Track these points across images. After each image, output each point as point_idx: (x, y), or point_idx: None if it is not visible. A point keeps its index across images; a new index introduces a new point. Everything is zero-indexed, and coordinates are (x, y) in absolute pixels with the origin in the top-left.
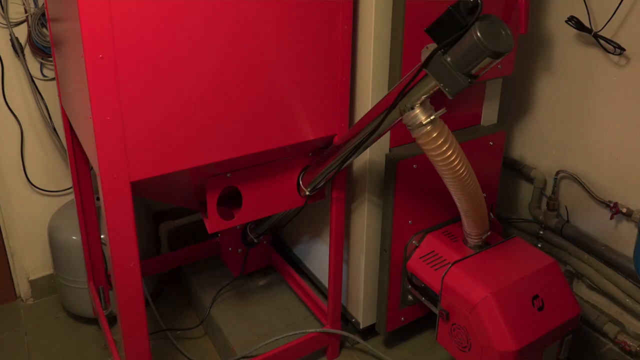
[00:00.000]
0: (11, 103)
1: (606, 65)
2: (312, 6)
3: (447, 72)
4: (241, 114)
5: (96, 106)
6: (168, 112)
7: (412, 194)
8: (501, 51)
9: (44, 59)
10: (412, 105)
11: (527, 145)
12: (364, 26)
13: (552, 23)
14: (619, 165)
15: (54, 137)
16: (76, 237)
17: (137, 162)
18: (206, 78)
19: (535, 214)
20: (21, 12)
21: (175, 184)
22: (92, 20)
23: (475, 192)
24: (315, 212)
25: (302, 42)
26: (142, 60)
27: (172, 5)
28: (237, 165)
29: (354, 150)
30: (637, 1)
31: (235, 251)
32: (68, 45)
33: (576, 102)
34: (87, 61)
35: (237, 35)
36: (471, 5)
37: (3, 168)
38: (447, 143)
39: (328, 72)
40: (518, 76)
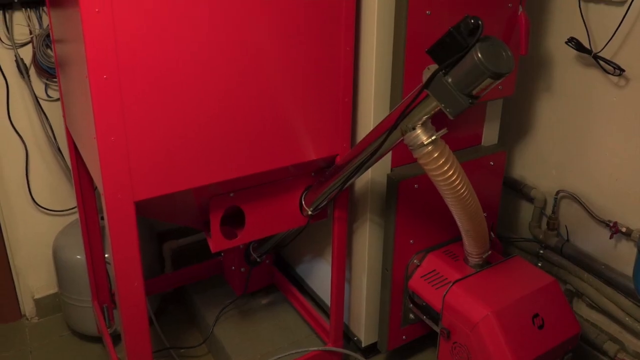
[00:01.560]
0: (16, 123)
1: (606, 86)
2: (315, 27)
3: (448, 93)
4: (244, 134)
5: (100, 126)
6: (172, 132)
7: (414, 213)
8: (502, 72)
9: (48, 80)
10: (413, 125)
11: (527, 166)
12: (366, 47)
13: (552, 44)
14: (619, 185)
15: (59, 157)
16: (81, 256)
17: (141, 181)
18: (210, 99)
19: (535, 233)
20: (26, 34)
21: (178, 203)
22: (97, 42)
23: (476, 212)
24: (318, 232)
25: (304, 63)
26: (146, 81)
27: (176, 26)
28: (240, 184)
29: (355, 170)
30: (636, 23)
31: (238, 270)
32: (72, 66)
33: (576, 122)
34: (92, 82)
35: (240, 56)
36: (472, 26)
37: (8, 187)
38: (448, 163)
39: (330, 92)
40: (518, 97)
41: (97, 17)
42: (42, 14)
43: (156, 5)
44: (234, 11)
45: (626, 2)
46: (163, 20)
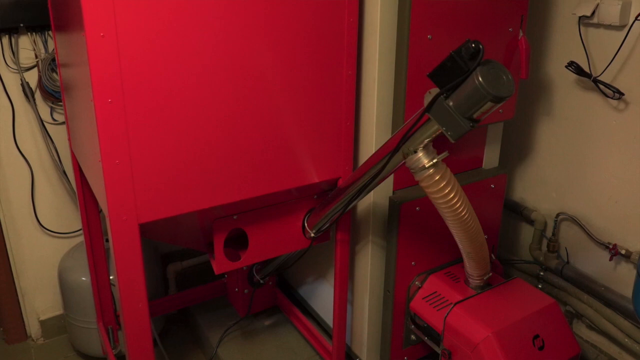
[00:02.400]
0: (22, 146)
1: (605, 109)
2: (317, 52)
3: (449, 116)
4: (248, 157)
5: (105, 149)
6: (176, 155)
7: (415, 235)
8: (502, 96)
9: (54, 104)
10: (415, 148)
11: (527, 188)
12: (368, 71)
13: (552, 68)
14: (618, 208)
15: (64, 180)
16: (86, 278)
17: (145, 204)
18: (213, 122)
19: (535, 255)
20: (32, 58)
21: (182, 225)
22: (102, 66)
23: (477, 234)
24: (320, 254)
25: (307, 87)
26: (151, 105)
27: (180, 51)
28: (244, 207)
29: (358, 192)
30: (636, 47)
31: (242, 292)
32: (78, 90)
33: (576, 145)
34: (97, 105)
35: (243, 80)
36: (473, 50)
37: (14, 210)
38: (449, 186)
39: (333, 116)
40: (519, 120)
41: (102, 41)
42: (48, 38)
43: (160, 31)
44: (237, 36)
45: (625, 27)
46: (167, 45)
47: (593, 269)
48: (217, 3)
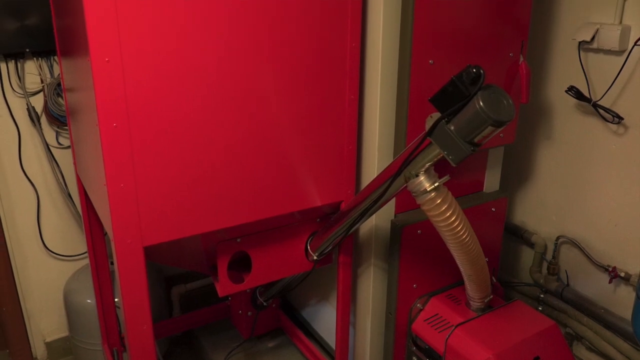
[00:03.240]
0: (28, 170)
1: (605, 133)
2: (320, 76)
3: (450, 141)
4: (251, 181)
5: (110, 173)
6: (180, 179)
7: (417, 258)
8: (503, 120)
9: (59, 128)
10: (416, 172)
11: (528, 211)
12: (370, 95)
13: (552, 93)
14: (617, 231)
15: (69, 203)
16: (91, 300)
17: (150, 227)
18: (217, 146)
19: (536, 277)
20: (37, 82)
21: (186, 248)
22: (107, 91)
23: (478, 257)
24: (323, 276)
25: (310, 112)
26: (155, 129)
27: (184, 76)
28: (247, 230)
29: (360, 216)
30: (635, 72)
31: (245, 314)
32: (83, 114)
33: (576, 169)
34: (102, 130)
35: (247, 105)
36: (474, 75)
37: (20, 233)
38: (450, 209)
39: (335, 140)
40: (519, 144)
41: (107, 66)
42: (53, 63)
43: (165, 56)
44: (241, 61)
45: (625, 52)
46: (172, 70)
47: (593, 291)
48: (220, 28)
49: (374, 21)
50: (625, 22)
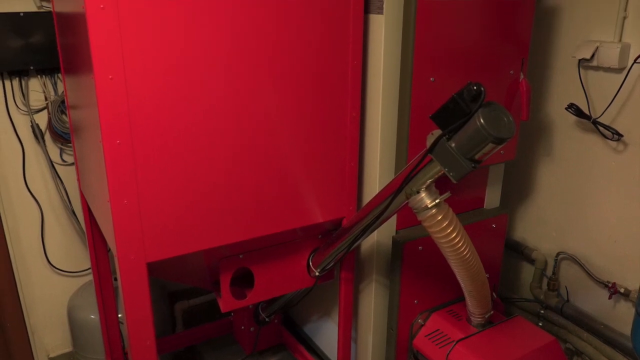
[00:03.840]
0: (32, 187)
1: (605, 150)
2: (322, 94)
3: (451, 158)
4: (253, 198)
5: (113, 190)
6: (183, 195)
7: (418, 274)
8: (503, 137)
9: (63, 145)
10: (417, 189)
11: (528, 228)
12: (371, 113)
13: (552, 110)
14: (617, 247)
15: (73, 220)
16: (94, 316)
17: (153, 243)
18: (220, 163)
19: (536, 293)
20: (41, 100)
21: (189, 264)
22: (110, 108)
23: (478, 273)
24: (325, 292)
25: (312, 129)
26: (158, 146)
27: (187, 93)
28: (250, 246)
29: (362, 232)
30: (634, 89)
31: (248, 329)
32: (87, 132)
33: (576, 186)
34: (105, 147)
35: (249, 122)
36: (474, 93)
37: (24, 249)
38: (451, 226)
39: (337, 157)
40: (520, 161)
41: (110, 83)
42: (57, 81)
43: (168, 74)
44: (243, 78)
45: (624, 69)
46: (174, 87)
47: (593, 307)
48: (223, 47)
49: (376, 39)
50: (625, 40)
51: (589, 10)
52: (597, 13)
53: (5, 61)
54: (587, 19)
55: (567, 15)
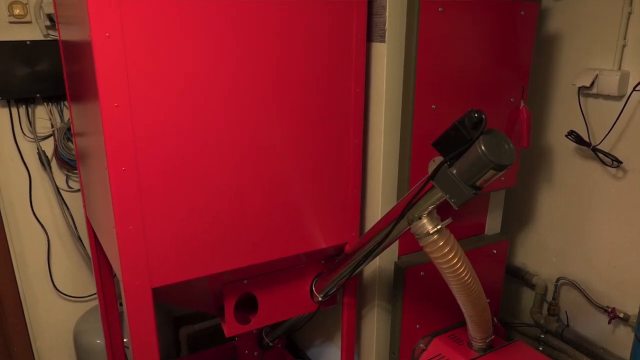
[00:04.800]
0: (38, 213)
1: (604, 177)
2: (325, 121)
3: (453, 184)
4: (257, 224)
5: (119, 216)
6: (187, 221)
7: (420, 299)
8: (504, 164)
9: (69, 171)
10: (419, 215)
11: (528, 254)
12: (373, 140)
13: (552, 137)
14: (616, 273)
15: (79, 246)
16: (100, 340)
17: (158, 269)
18: (223, 189)
19: (536, 318)
20: (48, 127)
21: (194, 289)
22: (116, 135)
23: (479, 298)
24: (328, 317)
25: (315, 156)
26: (163, 173)
27: (191, 120)
28: (253, 272)
29: (364, 258)
30: (634, 116)
31: (252, 354)
32: (92, 158)
33: (576, 212)
34: (111, 173)
35: (253, 149)
36: (476, 120)
37: (31, 274)
38: (452, 251)
39: (340, 184)
40: (520, 187)
41: (116, 111)
42: (63, 108)
43: (173, 101)
44: (247, 106)
45: (624, 97)
46: (179, 114)
47: (592, 331)
48: (227, 75)
49: (378, 67)
50: (624, 68)
51: (589, 38)
52: (597, 41)
53: (12, 89)
54: (587, 47)
55: (567, 43)
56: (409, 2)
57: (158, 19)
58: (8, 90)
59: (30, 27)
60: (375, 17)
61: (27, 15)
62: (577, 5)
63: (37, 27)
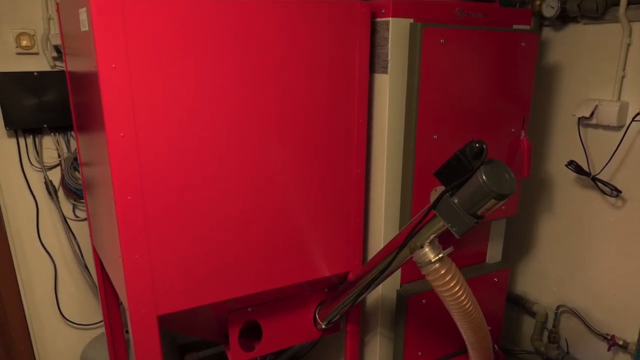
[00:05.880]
0: (45, 242)
1: (604, 206)
2: (328, 150)
3: (454, 213)
4: (261, 252)
5: (125, 245)
6: (192, 250)
7: (422, 327)
8: (505, 193)
9: (76, 201)
10: (421, 244)
11: (529, 282)
12: (376, 169)
13: (553, 167)
14: (616, 300)
15: (86, 274)
16: None
17: (163, 297)
18: (228, 218)
19: (537, 346)
20: (55, 157)
21: (199, 317)
22: (122, 165)
23: (481, 326)
24: (331, 344)
25: (318, 185)
26: (169, 202)
27: (196, 150)
28: (258, 300)
29: (367, 286)
30: (633, 146)
31: None
32: (99, 188)
33: (575, 241)
34: (117, 202)
35: (257, 178)
36: (477, 150)
37: (38, 302)
38: (454, 280)
39: (343, 213)
40: (521, 216)
41: (122, 141)
42: (70, 138)
43: (178, 132)
44: (251, 136)
45: (623, 128)
46: (185, 144)
47: (592, 358)
48: (232, 104)
49: (381, 98)
50: (624, 99)
51: (589, 69)
52: (596, 72)
53: (19, 119)
54: (587, 78)
55: (567, 74)
56: (411, 34)
57: (163, 50)
58: (15, 120)
59: (38, 58)
60: (378, 49)
61: (35, 47)
62: (577, 37)
63: (44, 58)
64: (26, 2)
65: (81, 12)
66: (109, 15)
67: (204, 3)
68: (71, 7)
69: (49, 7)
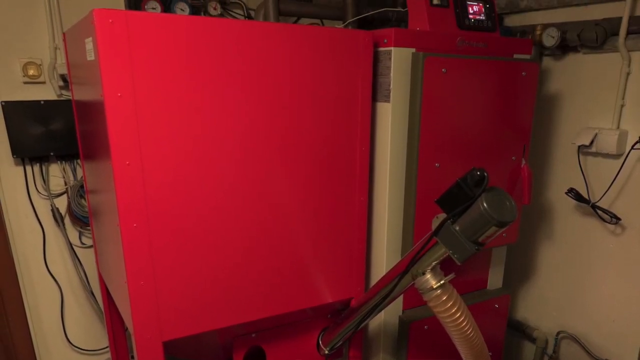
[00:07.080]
0: (52, 268)
1: (603, 233)
2: (331, 178)
3: (456, 240)
4: (266, 279)
5: (131, 271)
6: (197, 276)
7: (424, 352)
8: (506, 221)
9: (82, 228)
10: (423, 270)
11: (529, 308)
12: (379, 197)
13: (553, 194)
14: (615, 326)
15: (92, 300)
16: None
17: (168, 323)
18: (232, 245)
19: None
20: (61, 185)
21: (203, 343)
22: (127, 192)
23: (482, 351)
24: None
25: (322, 213)
26: (174, 229)
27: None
28: (262, 325)
29: (369, 312)
30: (632, 174)
31: None
32: (105, 215)
33: (575, 268)
34: (122, 229)
35: (262, 207)
36: (478, 178)
37: (44, 328)
38: (455, 306)
39: (346, 240)
40: (521, 243)
41: (127, 169)
42: (76, 166)
43: (183, 160)
44: (256, 164)
45: (622, 156)
46: (189, 172)
47: None
48: (237, 132)
49: (383, 126)
50: (623, 127)
51: (589, 98)
52: (596, 101)
53: (26, 148)
54: (587, 107)
55: (567, 102)
56: (413, 63)
57: (169, 80)
58: (22, 148)
59: (44, 87)
60: (380, 78)
61: (41, 76)
62: (576, 66)
63: (51, 87)
64: (33, 32)
65: (87, 41)
66: (115, 45)
67: (210, 34)
68: (77, 36)
69: (55, 36)
